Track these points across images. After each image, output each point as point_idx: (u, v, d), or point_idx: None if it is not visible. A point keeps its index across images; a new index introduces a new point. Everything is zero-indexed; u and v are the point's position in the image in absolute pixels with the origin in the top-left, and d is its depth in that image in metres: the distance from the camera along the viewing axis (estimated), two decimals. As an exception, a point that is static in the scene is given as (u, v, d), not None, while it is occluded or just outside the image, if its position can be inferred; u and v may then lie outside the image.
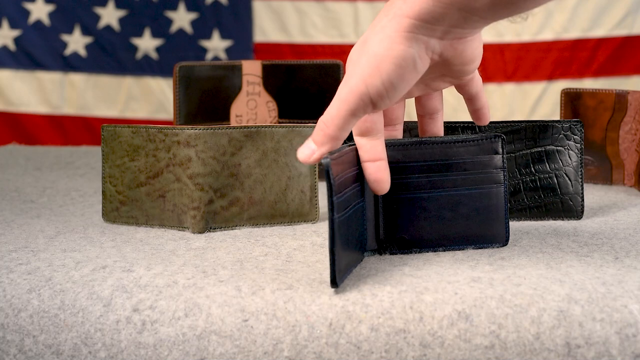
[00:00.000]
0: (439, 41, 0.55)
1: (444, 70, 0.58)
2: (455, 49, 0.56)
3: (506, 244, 0.65)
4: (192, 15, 2.03)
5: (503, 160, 0.64)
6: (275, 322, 0.53)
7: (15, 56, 2.00)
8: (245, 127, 0.73)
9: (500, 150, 0.64)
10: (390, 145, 0.63)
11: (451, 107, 2.04)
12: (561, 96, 1.00)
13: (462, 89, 0.63)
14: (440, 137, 0.65)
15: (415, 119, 0.69)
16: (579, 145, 0.76)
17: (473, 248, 0.65)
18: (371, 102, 0.55)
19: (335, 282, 0.54)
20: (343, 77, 1.03)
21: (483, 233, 0.65)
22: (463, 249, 0.64)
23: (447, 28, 0.54)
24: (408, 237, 0.64)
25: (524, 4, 0.53)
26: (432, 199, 0.63)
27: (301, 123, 0.97)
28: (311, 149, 0.57)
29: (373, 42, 0.54)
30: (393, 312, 0.53)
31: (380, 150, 0.59)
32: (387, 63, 0.54)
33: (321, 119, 0.57)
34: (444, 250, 0.64)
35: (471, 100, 0.64)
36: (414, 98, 0.65)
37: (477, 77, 0.63)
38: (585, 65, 1.97)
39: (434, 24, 0.54)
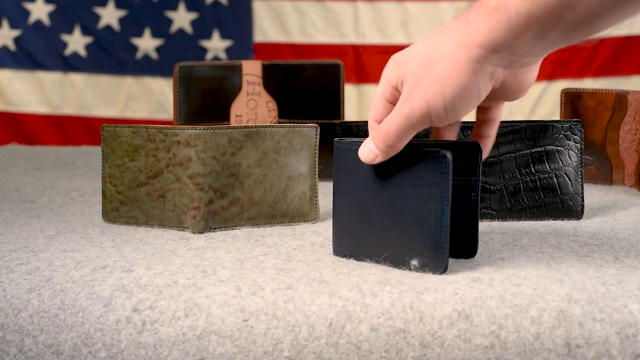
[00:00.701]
0: (503, 70, 0.55)
1: (496, 95, 0.58)
2: (516, 78, 0.56)
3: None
4: (192, 15, 2.03)
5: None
6: (275, 322, 0.53)
7: (15, 56, 2.00)
8: (245, 127, 0.73)
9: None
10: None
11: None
12: (561, 96, 1.00)
13: (486, 111, 0.62)
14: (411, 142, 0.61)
15: None
16: (579, 145, 0.76)
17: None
18: (430, 120, 0.56)
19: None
20: (343, 78, 1.04)
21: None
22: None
23: (515, 57, 0.54)
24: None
25: (597, 26, 0.52)
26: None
27: (301, 123, 0.97)
28: (373, 152, 0.59)
29: (440, 66, 0.54)
30: (393, 312, 0.53)
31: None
32: (451, 89, 0.54)
33: (382, 127, 0.58)
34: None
35: (486, 124, 0.63)
36: None
37: (502, 106, 0.63)
38: (585, 65, 1.97)
39: (504, 54, 0.53)
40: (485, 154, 0.63)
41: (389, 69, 0.59)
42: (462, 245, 0.62)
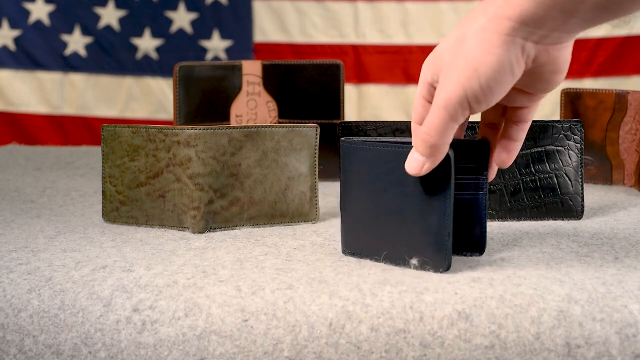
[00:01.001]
0: (534, 45, 0.53)
1: (531, 79, 0.56)
2: (549, 55, 0.54)
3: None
4: (192, 15, 2.03)
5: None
6: (275, 322, 0.53)
7: (15, 56, 2.01)
8: (245, 127, 0.73)
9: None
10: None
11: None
12: (561, 96, 1.00)
13: (519, 111, 0.60)
14: (401, 139, 0.61)
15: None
16: (579, 145, 0.76)
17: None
18: (469, 106, 0.54)
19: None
20: (343, 78, 1.04)
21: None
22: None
23: (545, 32, 0.52)
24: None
25: (630, 6, 0.51)
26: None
27: (301, 123, 0.97)
28: (419, 161, 0.56)
29: (471, 44, 0.53)
30: (393, 312, 0.53)
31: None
32: (485, 66, 0.52)
33: (422, 129, 0.56)
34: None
35: (517, 126, 0.60)
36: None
37: (536, 107, 0.61)
38: (585, 65, 1.97)
39: (534, 27, 0.52)
40: (511, 159, 0.61)
41: (424, 66, 0.57)
42: (470, 244, 0.63)
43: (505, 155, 0.62)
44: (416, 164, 0.57)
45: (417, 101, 0.58)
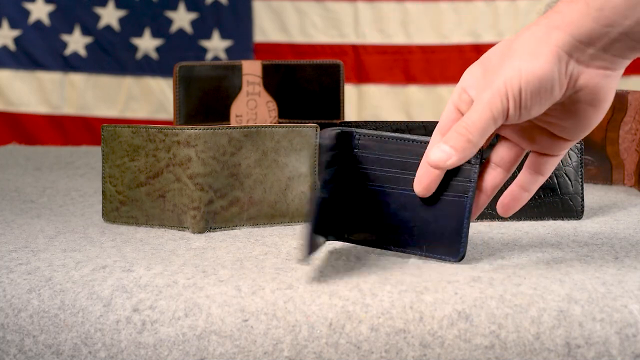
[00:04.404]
0: (577, 64, 0.52)
1: (565, 112, 0.54)
2: (593, 81, 0.52)
3: (458, 260, 0.60)
4: (192, 15, 2.03)
5: (474, 171, 0.58)
6: (275, 322, 0.53)
7: (15, 56, 2.00)
8: (245, 127, 0.73)
9: (474, 160, 0.58)
10: (368, 135, 0.62)
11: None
12: (561, 96, 0.99)
13: (537, 160, 0.58)
14: (421, 137, 0.62)
15: (416, 119, 0.69)
16: (579, 145, 0.76)
17: (426, 256, 0.61)
18: (507, 109, 0.53)
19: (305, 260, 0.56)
20: (343, 78, 1.04)
21: (438, 243, 0.60)
22: (419, 255, 0.61)
23: (594, 51, 0.51)
24: (367, 230, 0.63)
25: None
26: (394, 195, 0.61)
27: (301, 123, 0.97)
28: (446, 152, 0.55)
29: (519, 48, 0.52)
30: (393, 312, 0.53)
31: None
32: (529, 72, 0.51)
33: (460, 124, 0.54)
34: (397, 251, 0.62)
35: (531, 177, 0.58)
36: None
37: (558, 159, 0.58)
38: (585, 65, 1.97)
39: (583, 44, 0.51)
40: (513, 209, 0.59)
41: (465, 73, 0.56)
42: (448, 248, 0.60)
43: (509, 202, 0.59)
44: (442, 155, 0.55)
45: (446, 108, 0.57)
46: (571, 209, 0.76)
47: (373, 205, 0.63)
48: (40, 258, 0.64)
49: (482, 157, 0.58)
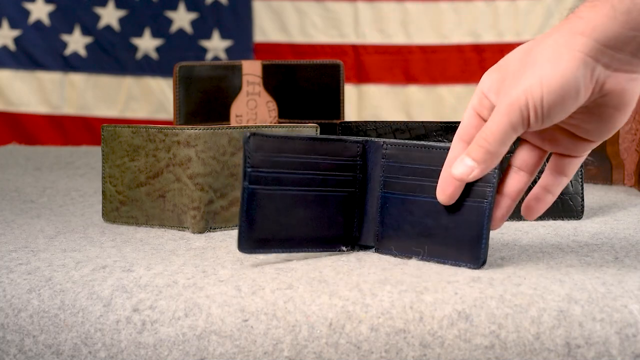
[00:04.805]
0: (604, 69, 0.50)
1: (590, 115, 0.53)
2: (619, 85, 0.51)
3: (480, 267, 0.59)
4: (192, 15, 2.03)
5: (493, 176, 0.57)
6: (275, 322, 0.53)
7: (15, 56, 2.00)
8: (245, 127, 0.73)
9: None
10: (392, 144, 0.63)
11: (451, 107, 2.04)
12: (561, 96, 0.99)
13: (560, 161, 0.57)
14: (443, 144, 0.62)
15: (416, 119, 0.69)
16: (579, 145, 0.76)
17: (449, 264, 0.60)
18: (528, 118, 0.52)
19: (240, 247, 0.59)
20: (343, 78, 1.04)
21: (459, 249, 0.59)
22: (441, 263, 0.60)
23: (617, 53, 0.50)
24: (392, 238, 0.63)
25: None
26: (418, 203, 0.61)
27: (301, 123, 0.97)
28: (469, 166, 0.55)
29: (540, 56, 0.51)
30: (393, 312, 0.53)
31: None
32: (552, 81, 0.50)
33: (480, 135, 0.54)
34: (422, 260, 0.61)
35: (553, 179, 0.58)
36: None
37: (580, 160, 0.57)
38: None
39: (607, 47, 0.49)
40: (538, 212, 0.58)
41: (484, 76, 0.55)
42: (469, 255, 0.60)
43: (533, 204, 0.59)
44: (465, 169, 0.55)
45: (466, 113, 0.56)
46: (571, 209, 0.76)
47: (399, 215, 0.63)
48: (40, 258, 0.64)
49: (502, 162, 0.57)
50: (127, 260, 0.63)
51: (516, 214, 0.76)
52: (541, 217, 0.76)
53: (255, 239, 0.60)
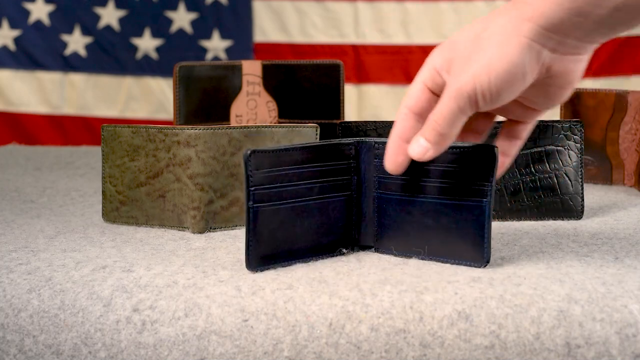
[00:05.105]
0: (550, 53, 0.53)
1: (538, 91, 0.56)
2: (564, 66, 0.54)
3: (484, 266, 0.59)
4: (192, 15, 2.03)
5: (492, 174, 0.58)
6: (275, 322, 0.53)
7: (15, 56, 2.00)
8: (245, 127, 0.73)
9: (491, 162, 0.58)
10: (384, 144, 0.62)
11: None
12: (561, 96, 0.99)
13: (513, 128, 0.60)
14: None
15: None
16: (579, 145, 0.76)
17: (451, 263, 0.60)
18: (476, 101, 0.54)
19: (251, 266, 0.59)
20: (343, 78, 1.04)
21: (461, 249, 0.60)
22: (443, 262, 0.61)
23: (565, 39, 0.52)
24: (391, 238, 0.63)
25: None
26: (416, 203, 0.61)
27: (301, 123, 0.97)
28: (423, 146, 0.56)
29: (488, 41, 0.53)
30: (393, 312, 0.53)
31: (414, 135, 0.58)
32: (498, 66, 0.52)
33: (431, 117, 0.56)
34: (423, 259, 0.61)
35: (510, 142, 0.60)
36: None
37: (533, 125, 0.60)
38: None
39: (554, 32, 0.52)
40: (500, 173, 0.60)
41: (435, 52, 0.57)
42: (471, 254, 0.60)
43: None
44: (421, 149, 0.56)
45: (415, 86, 0.58)
46: (571, 209, 0.76)
47: (398, 216, 0.62)
48: (40, 258, 0.64)
49: (495, 154, 0.58)
50: (127, 261, 0.63)
51: (516, 214, 0.76)
52: (541, 217, 0.76)
53: (262, 256, 0.60)
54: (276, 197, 0.60)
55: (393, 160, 0.58)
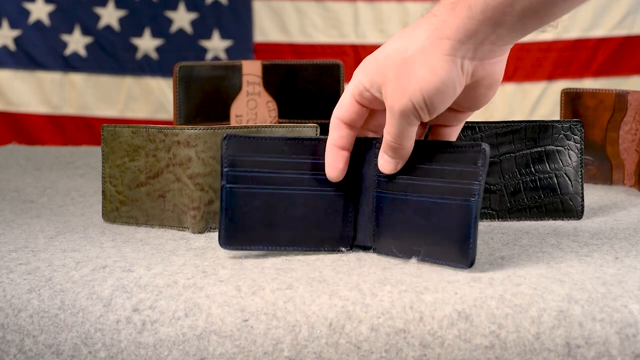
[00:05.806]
0: (470, 62, 0.57)
1: (465, 95, 0.59)
2: (485, 70, 0.58)
3: (469, 267, 0.58)
4: (192, 15, 2.03)
5: (479, 174, 0.58)
6: (275, 322, 0.53)
7: (15, 56, 2.00)
8: (245, 127, 0.73)
9: (480, 161, 0.58)
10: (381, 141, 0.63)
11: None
12: (561, 96, 1.00)
13: (441, 131, 0.64)
14: (427, 140, 0.63)
15: None
16: (579, 145, 0.76)
17: (441, 263, 0.59)
18: (418, 115, 0.58)
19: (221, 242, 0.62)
20: (343, 78, 1.04)
21: (448, 249, 0.58)
22: (435, 263, 0.60)
23: (480, 47, 0.56)
24: (388, 238, 0.63)
25: (552, 12, 0.54)
26: (409, 202, 0.61)
27: (301, 123, 0.97)
28: (391, 162, 0.61)
29: (414, 65, 0.57)
30: (393, 312, 0.53)
31: (352, 143, 0.63)
32: (429, 84, 0.56)
33: (387, 137, 0.60)
34: (419, 260, 0.61)
35: (441, 136, 0.64)
36: None
37: (459, 127, 0.65)
38: (585, 65, 1.97)
39: (470, 43, 0.55)
40: None
41: (361, 72, 0.62)
42: (457, 254, 0.58)
43: None
44: (390, 164, 0.61)
45: (345, 99, 0.62)
46: (571, 209, 0.76)
47: (391, 215, 0.62)
48: (40, 258, 0.64)
49: (485, 151, 0.59)
50: (127, 260, 0.63)
51: (516, 214, 0.76)
52: (541, 217, 0.76)
53: (237, 236, 0.62)
54: (253, 181, 0.62)
55: (334, 167, 0.63)
